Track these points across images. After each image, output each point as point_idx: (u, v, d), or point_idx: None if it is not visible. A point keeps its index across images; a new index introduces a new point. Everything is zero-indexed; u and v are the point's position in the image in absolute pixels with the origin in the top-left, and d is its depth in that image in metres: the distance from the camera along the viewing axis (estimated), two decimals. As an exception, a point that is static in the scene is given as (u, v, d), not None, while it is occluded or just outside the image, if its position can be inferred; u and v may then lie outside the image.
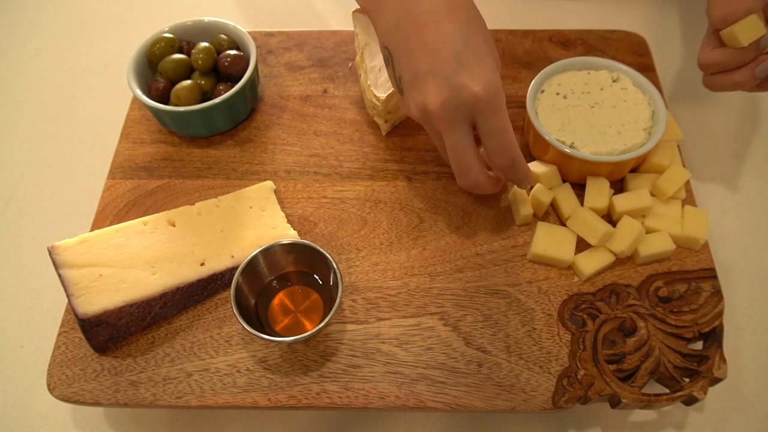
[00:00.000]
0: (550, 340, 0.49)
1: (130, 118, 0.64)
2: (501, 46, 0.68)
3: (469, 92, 0.44)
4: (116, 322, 0.49)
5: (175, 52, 0.62)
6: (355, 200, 0.57)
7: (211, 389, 0.48)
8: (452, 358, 0.49)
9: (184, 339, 0.50)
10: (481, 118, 0.45)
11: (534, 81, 0.58)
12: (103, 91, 0.73)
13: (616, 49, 0.67)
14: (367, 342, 0.50)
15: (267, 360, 0.49)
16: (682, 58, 0.72)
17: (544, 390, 0.47)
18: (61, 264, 0.50)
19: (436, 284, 0.52)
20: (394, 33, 0.47)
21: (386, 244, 0.55)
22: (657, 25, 0.76)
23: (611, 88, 0.58)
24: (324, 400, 0.47)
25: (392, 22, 0.47)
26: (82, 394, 0.48)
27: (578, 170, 0.55)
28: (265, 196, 0.57)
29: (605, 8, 0.78)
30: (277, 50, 0.69)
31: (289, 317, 0.50)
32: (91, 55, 0.77)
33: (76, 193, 0.64)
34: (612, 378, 0.47)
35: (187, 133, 0.62)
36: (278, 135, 0.62)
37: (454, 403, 0.47)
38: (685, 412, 0.50)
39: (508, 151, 0.47)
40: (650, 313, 0.50)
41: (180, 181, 0.59)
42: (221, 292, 0.53)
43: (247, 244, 0.53)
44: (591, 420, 0.50)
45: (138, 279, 0.50)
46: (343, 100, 0.65)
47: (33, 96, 0.74)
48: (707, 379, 0.46)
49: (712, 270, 0.52)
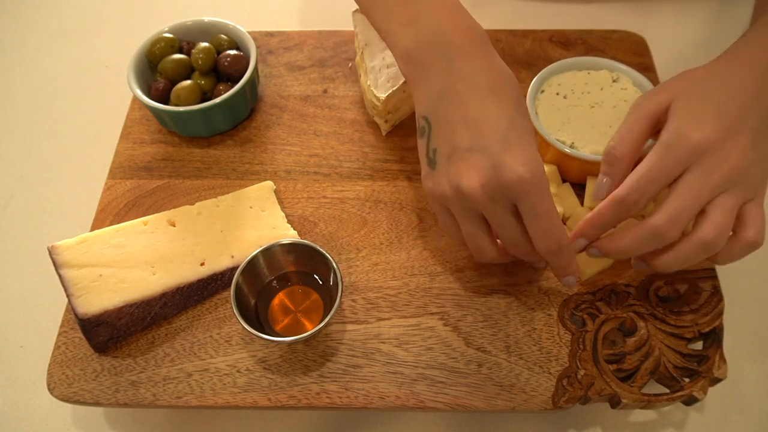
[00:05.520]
0: (550, 340, 0.49)
1: (130, 118, 0.64)
2: (501, 46, 0.68)
3: (513, 173, 0.41)
4: (116, 322, 0.49)
5: (175, 52, 0.62)
6: (355, 200, 0.57)
7: (211, 389, 0.48)
8: (452, 358, 0.49)
9: (184, 339, 0.50)
10: (526, 201, 0.42)
11: (534, 81, 0.58)
12: (103, 91, 0.73)
13: (616, 49, 0.67)
14: (367, 342, 0.50)
15: (267, 360, 0.49)
16: (682, 58, 0.72)
17: (544, 390, 0.47)
18: (61, 264, 0.50)
19: (436, 284, 0.52)
20: (436, 104, 0.45)
21: (386, 244, 0.55)
22: (657, 25, 0.76)
23: (611, 88, 0.58)
24: (324, 400, 0.47)
25: (435, 93, 0.45)
26: (82, 394, 0.48)
27: (578, 170, 0.55)
28: (265, 196, 0.57)
29: (605, 8, 0.78)
30: (277, 50, 0.69)
31: (289, 317, 0.50)
32: (91, 55, 0.77)
33: (76, 193, 0.64)
34: (612, 378, 0.47)
35: (187, 133, 0.62)
36: (278, 135, 0.62)
37: (454, 403, 0.47)
38: (685, 412, 0.50)
39: (554, 234, 0.43)
40: (650, 313, 0.50)
41: (180, 181, 0.59)
42: (221, 292, 0.53)
43: (247, 244, 0.53)
44: (591, 420, 0.50)
45: (138, 279, 0.50)
46: (343, 100, 0.65)
47: (33, 96, 0.74)
48: (707, 379, 0.46)
49: (712, 270, 0.52)
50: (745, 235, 0.43)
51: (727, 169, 0.41)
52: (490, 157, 0.42)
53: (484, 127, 0.43)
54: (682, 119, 0.43)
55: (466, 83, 0.44)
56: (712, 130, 0.42)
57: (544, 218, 0.43)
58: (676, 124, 0.43)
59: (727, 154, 0.42)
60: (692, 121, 0.43)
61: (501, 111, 0.43)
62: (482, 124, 0.43)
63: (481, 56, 0.45)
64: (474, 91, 0.44)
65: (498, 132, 0.43)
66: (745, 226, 0.43)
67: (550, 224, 0.43)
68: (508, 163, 0.41)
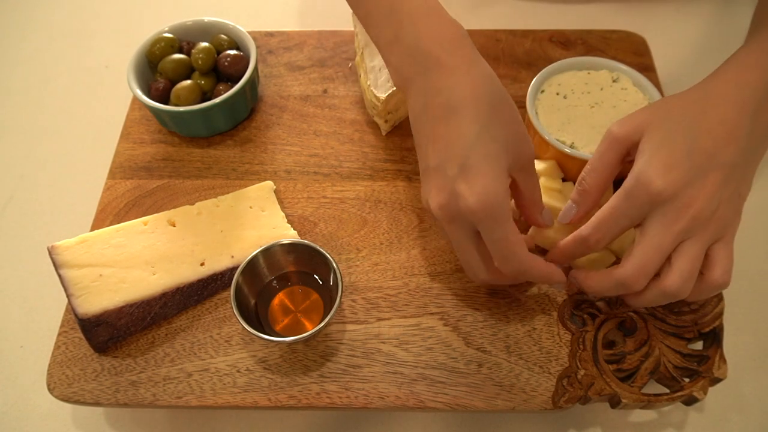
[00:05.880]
0: (550, 340, 0.49)
1: (130, 118, 0.64)
2: (501, 46, 0.68)
3: (464, 203, 0.42)
4: (116, 322, 0.49)
5: (175, 52, 0.62)
6: (355, 200, 0.57)
7: (211, 389, 0.48)
8: (452, 358, 0.49)
9: (184, 339, 0.50)
10: (480, 228, 0.43)
11: (534, 81, 0.58)
12: (103, 91, 0.73)
13: (616, 49, 0.67)
14: (367, 342, 0.50)
15: (267, 360, 0.49)
16: (682, 58, 0.72)
17: (544, 390, 0.47)
18: (61, 264, 0.50)
19: (436, 284, 0.52)
20: (415, 120, 0.46)
21: (386, 244, 0.55)
22: (657, 25, 0.76)
23: (611, 88, 0.58)
24: (324, 400, 0.47)
25: (416, 109, 0.45)
26: (82, 394, 0.48)
27: (578, 170, 0.54)
28: (265, 196, 0.57)
29: (605, 8, 0.78)
30: (277, 50, 0.69)
31: (289, 317, 0.50)
32: (91, 55, 0.77)
33: (76, 193, 0.64)
34: (612, 378, 0.47)
35: (187, 133, 0.62)
36: (278, 135, 0.62)
37: (454, 403, 0.47)
38: (685, 412, 0.50)
39: (512, 261, 0.44)
40: (650, 313, 0.50)
41: (180, 181, 0.59)
42: (221, 292, 0.53)
43: (247, 244, 0.53)
44: (591, 420, 0.50)
45: (138, 279, 0.50)
46: (343, 100, 0.65)
47: (33, 96, 0.74)
48: (707, 379, 0.46)
49: (712, 270, 0.52)
50: (711, 276, 0.42)
51: (690, 217, 0.40)
52: (447, 181, 0.43)
53: (447, 149, 0.43)
54: (646, 163, 0.42)
55: (439, 100, 0.44)
56: (676, 177, 0.40)
57: (500, 245, 0.43)
58: (639, 167, 0.42)
59: (691, 200, 0.40)
60: (656, 164, 0.41)
61: (467, 131, 0.43)
62: (446, 145, 0.43)
63: (456, 68, 0.44)
64: (445, 108, 0.43)
65: (458, 156, 0.42)
66: (713, 267, 0.42)
67: (506, 251, 0.43)
68: (461, 192, 0.42)
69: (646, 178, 0.41)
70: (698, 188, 0.41)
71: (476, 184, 0.42)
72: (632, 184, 0.42)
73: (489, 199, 0.42)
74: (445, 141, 0.43)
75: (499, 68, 0.66)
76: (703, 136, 0.42)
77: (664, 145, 0.42)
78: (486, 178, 0.42)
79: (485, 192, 0.42)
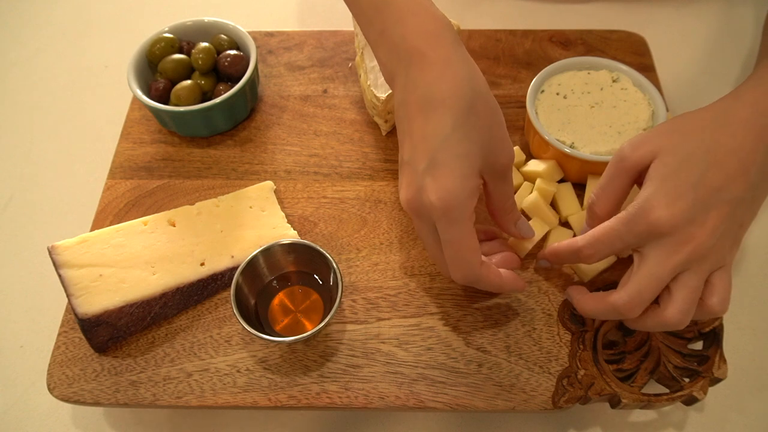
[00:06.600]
0: (550, 340, 0.49)
1: (130, 118, 0.64)
2: (501, 46, 0.68)
3: (427, 198, 0.42)
4: (116, 322, 0.49)
5: (175, 52, 0.62)
6: (355, 200, 0.57)
7: (211, 389, 0.48)
8: (452, 358, 0.49)
9: (184, 339, 0.50)
10: (438, 225, 0.43)
11: (534, 81, 0.58)
12: (103, 91, 0.73)
13: (616, 49, 0.67)
14: (367, 342, 0.50)
15: (267, 360, 0.49)
16: (682, 58, 0.72)
17: (544, 390, 0.47)
18: (61, 264, 0.50)
19: (436, 284, 0.52)
20: (397, 114, 0.46)
21: (386, 244, 0.55)
22: (657, 25, 0.76)
23: (611, 88, 0.58)
24: (324, 400, 0.47)
25: (398, 103, 0.45)
26: (82, 394, 0.48)
27: (578, 170, 0.55)
28: (265, 196, 0.57)
29: (605, 8, 0.78)
30: (277, 50, 0.69)
31: (289, 317, 0.50)
32: (91, 55, 0.77)
33: (76, 193, 0.64)
34: (612, 378, 0.47)
35: (187, 133, 0.62)
36: (278, 135, 0.62)
37: (454, 403, 0.47)
38: (685, 412, 0.50)
39: (461, 267, 0.44)
40: (650, 313, 0.50)
41: (180, 181, 0.59)
42: (221, 292, 0.53)
43: (247, 244, 0.53)
44: (591, 420, 0.50)
45: (138, 279, 0.50)
46: (343, 100, 0.65)
47: (33, 96, 0.74)
48: (707, 379, 0.46)
49: (712, 270, 0.52)
50: (709, 304, 0.42)
51: (690, 250, 0.40)
52: (417, 176, 0.43)
53: (420, 144, 0.43)
54: (652, 193, 0.41)
55: (417, 95, 0.43)
56: (678, 211, 0.40)
57: (450, 247, 0.43)
58: (645, 195, 0.41)
59: (692, 235, 0.40)
60: (661, 196, 0.41)
61: (439, 128, 0.42)
62: (419, 140, 0.43)
63: (436, 63, 0.43)
64: (422, 103, 0.43)
65: (428, 152, 0.42)
66: (710, 295, 0.42)
67: (456, 255, 0.43)
68: (426, 187, 0.42)
69: (649, 207, 0.41)
70: (699, 224, 0.40)
71: (440, 181, 0.42)
72: (635, 211, 0.42)
73: (449, 197, 0.42)
74: (419, 136, 0.43)
75: (499, 68, 0.66)
76: (713, 169, 0.41)
77: (673, 175, 0.41)
78: (451, 176, 0.42)
79: (446, 189, 0.42)
